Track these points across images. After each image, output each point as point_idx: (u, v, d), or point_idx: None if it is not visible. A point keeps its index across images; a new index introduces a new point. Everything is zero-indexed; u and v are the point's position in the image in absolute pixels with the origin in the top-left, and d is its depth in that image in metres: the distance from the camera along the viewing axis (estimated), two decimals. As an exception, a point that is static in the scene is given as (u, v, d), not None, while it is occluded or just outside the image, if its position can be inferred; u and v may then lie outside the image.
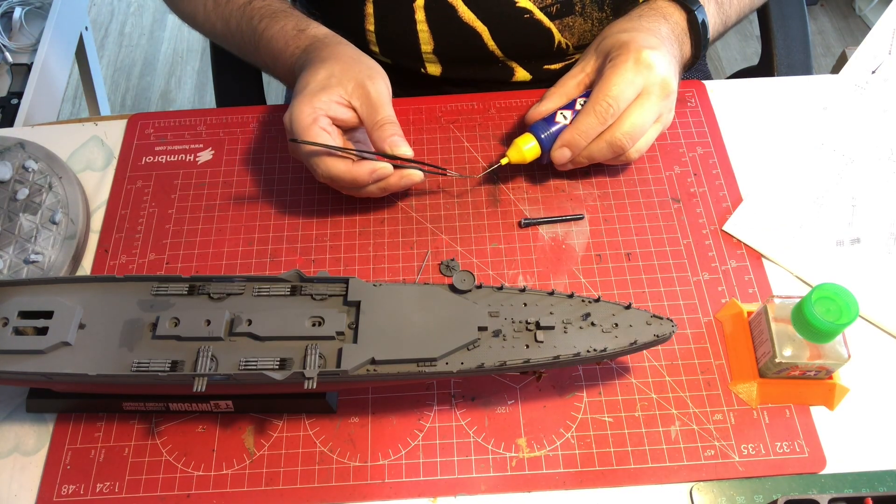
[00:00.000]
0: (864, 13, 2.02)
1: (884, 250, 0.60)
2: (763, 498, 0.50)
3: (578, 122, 0.60)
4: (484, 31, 0.72)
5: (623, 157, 0.61)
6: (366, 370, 0.47)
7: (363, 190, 0.60)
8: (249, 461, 0.53)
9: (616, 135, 0.59)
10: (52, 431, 0.54)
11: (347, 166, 0.58)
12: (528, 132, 0.62)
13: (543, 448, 0.53)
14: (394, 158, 0.58)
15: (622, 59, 0.59)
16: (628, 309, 0.50)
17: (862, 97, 0.65)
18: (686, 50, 0.66)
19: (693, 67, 0.70)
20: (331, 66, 0.59)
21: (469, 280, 0.50)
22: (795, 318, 0.51)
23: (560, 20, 0.71)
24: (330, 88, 0.58)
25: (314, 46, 0.63)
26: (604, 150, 0.60)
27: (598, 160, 0.62)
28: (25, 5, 1.15)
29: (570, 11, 0.71)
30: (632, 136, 0.59)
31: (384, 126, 0.58)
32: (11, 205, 0.63)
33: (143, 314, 0.49)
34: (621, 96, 0.58)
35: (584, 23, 0.72)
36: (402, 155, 0.58)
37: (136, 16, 2.14)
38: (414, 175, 0.59)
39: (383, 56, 0.76)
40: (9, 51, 1.11)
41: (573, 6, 0.70)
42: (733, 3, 0.70)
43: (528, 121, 0.65)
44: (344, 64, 0.59)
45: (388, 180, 0.59)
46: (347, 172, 0.58)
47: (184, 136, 0.70)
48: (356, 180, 0.58)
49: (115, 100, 1.94)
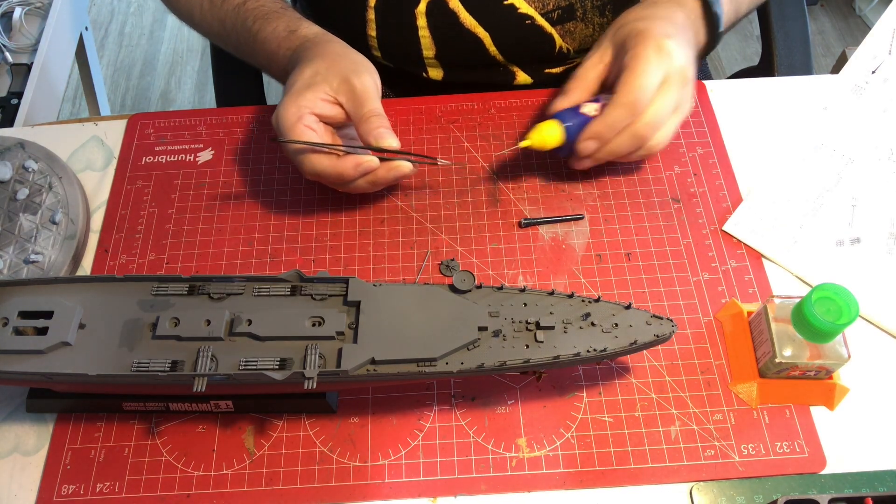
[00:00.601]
0: (864, 13, 2.02)
1: (884, 250, 0.60)
2: (763, 498, 0.50)
3: (607, 114, 0.58)
4: (486, 36, 0.72)
5: (643, 150, 0.60)
6: (366, 370, 0.47)
7: (352, 185, 0.59)
8: (249, 461, 0.53)
9: (638, 125, 0.58)
10: (52, 431, 0.54)
11: (332, 161, 0.57)
12: (553, 118, 0.61)
13: (543, 448, 0.53)
14: (381, 151, 0.57)
15: (643, 49, 0.57)
16: (628, 309, 0.50)
17: (862, 97, 0.65)
18: (701, 37, 0.65)
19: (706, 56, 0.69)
20: (317, 64, 0.59)
21: (469, 280, 0.50)
22: (795, 318, 0.51)
23: (561, 25, 0.71)
24: (315, 86, 0.58)
25: (304, 47, 0.63)
26: (626, 142, 0.59)
27: (619, 154, 0.61)
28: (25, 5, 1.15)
29: (572, 17, 0.71)
30: (654, 125, 0.58)
31: (370, 119, 0.57)
32: (11, 205, 0.63)
33: (143, 314, 0.49)
34: (649, 87, 0.57)
35: (585, 28, 0.72)
36: (388, 146, 0.57)
37: (136, 16, 2.14)
38: (402, 166, 0.58)
39: (385, 61, 0.76)
40: (9, 51, 1.11)
41: (574, 12, 0.70)
42: None
43: (549, 114, 0.63)
44: (330, 61, 0.59)
45: (375, 173, 0.58)
46: (332, 168, 0.57)
47: (184, 136, 0.70)
48: (341, 175, 0.58)
49: (115, 100, 1.94)
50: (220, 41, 0.74)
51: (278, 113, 0.58)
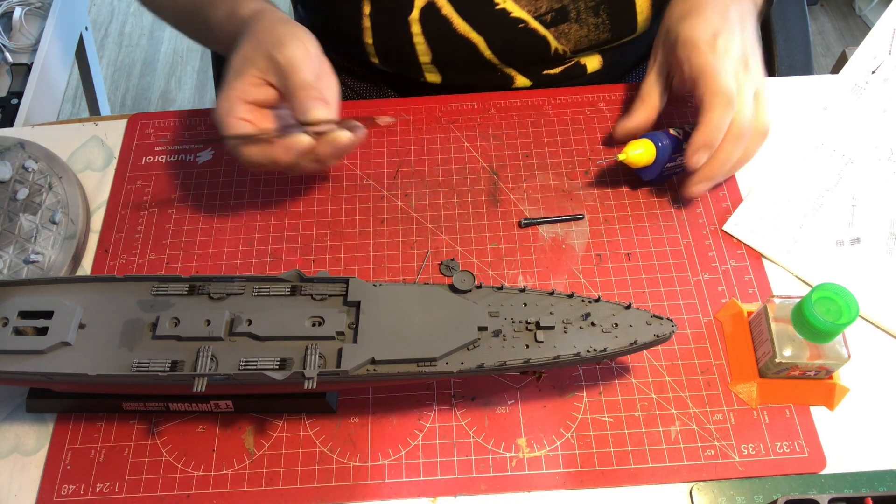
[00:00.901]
0: (864, 13, 2.02)
1: (884, 250, 0.60)
2: (763, 498, 0.50)
3: (705, 119, 0.57)
4: (480, 41, 0.71)
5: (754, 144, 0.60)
6: (366, 370, 0.47)
7: (298, 168, 0.57)
8: (249, 461, 0.53)
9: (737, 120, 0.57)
10: (52, 431, 0.54)
11: (262, 149, 0.55)
12: (645, 137, 0.61)
13: (543, 448, 0.53)
14: (312, 125, 0.53)
15: (701, 56, 0.57)
16: (628, 309, 0.50)
17: (862, 97, 0.65)
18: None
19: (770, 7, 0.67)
20: (243, 48, 0.56)
21: (469, 280, 0.50)
22: (795, 318, 0.51)
23: (555, 28, 0.71)
24: (243, 72, 0.55)
25: (239, 31, 0.60)
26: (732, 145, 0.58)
27: (730, 161, 0.59)
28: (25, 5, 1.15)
29: (565, 19, 0.70)
30: (750, 116, 0.58)
31: (296, 93, 0.53)
32: (11, 205, 0.63)
33: (143, 314, 0.49)
34: (730, 83, 0.57)
35: (579, 29, 0.71)
36: (316, 118, 0.53)
37: (136, 16, 2.14)
38: (339, 138, 0.54)
39: (383, 66, 0.76)
40: (9, 51, 1.11)
41: (568, 13, 0.70)
42: None
43: (617, 135, 0.65)
44: (255, 40, 0.56)
45: (315, 151, 0.55)
46: (263, 155, 0.55)
47: (184, 136, 0.70)
48: (276, 161, 0.55)
49: (115, 100, 1.94)
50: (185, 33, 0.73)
51: (214, 110, 0.56)
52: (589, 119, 0.70)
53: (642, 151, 0.60)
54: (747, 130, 0.58)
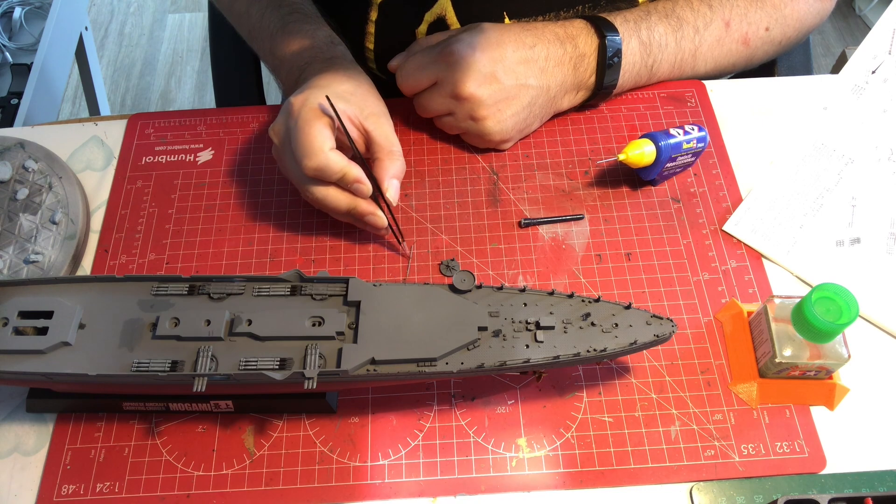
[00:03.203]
0: (864, 13, 2.02)
1: (884, 250, 0.60)
2: (763, 498, 0.50)
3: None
4: None
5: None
6: (366, 370, 0.47)
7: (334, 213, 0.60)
8: (249, 461, 0.53)
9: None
10: (52, 431, 0.54)
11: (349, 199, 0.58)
12: (646, 137, 0.61)
13: (543, 448, 0.53)
14: (379, 195, 0.58)
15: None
16: (628, 309, 0.50)
17: (862, 97, 0.65)
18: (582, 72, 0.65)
19: (603, 95, 0.68)
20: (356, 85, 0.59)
21: (469, 280, 0.50)
22: (795, 318, 0.51)
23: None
24: (351, 103, 0.58)
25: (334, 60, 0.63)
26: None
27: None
28: (25, 5, 1.15)
29: None
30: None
31: (396, 161, 0.59)
32: (11, 205, 0.63)
33: (143, 314, 0.49)
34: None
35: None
36: (390, 201, 0.58)
37: (136, 16, 2.14)
38: (380, 220, 0.59)
39: (379, 73, 0.76)
40: (9, 51, 1.11)
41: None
42: (667, 49, 0.67)
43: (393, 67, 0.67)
44: (367, 90, 0.61)
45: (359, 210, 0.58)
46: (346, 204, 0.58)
47: (184, 136, 0.70)
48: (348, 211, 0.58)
49: (115, 100, 1.94)
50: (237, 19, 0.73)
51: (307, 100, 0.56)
52: (589, 119, 0.70)
53: (642, 151, 0.60)
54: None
